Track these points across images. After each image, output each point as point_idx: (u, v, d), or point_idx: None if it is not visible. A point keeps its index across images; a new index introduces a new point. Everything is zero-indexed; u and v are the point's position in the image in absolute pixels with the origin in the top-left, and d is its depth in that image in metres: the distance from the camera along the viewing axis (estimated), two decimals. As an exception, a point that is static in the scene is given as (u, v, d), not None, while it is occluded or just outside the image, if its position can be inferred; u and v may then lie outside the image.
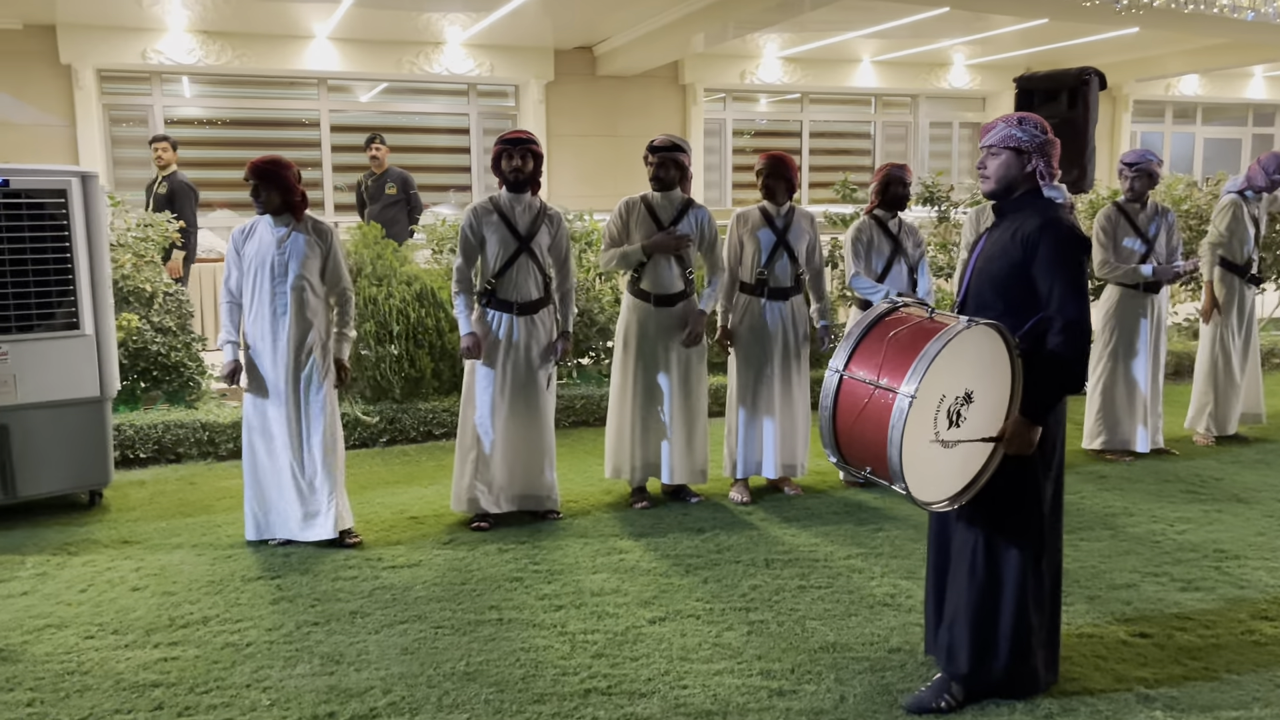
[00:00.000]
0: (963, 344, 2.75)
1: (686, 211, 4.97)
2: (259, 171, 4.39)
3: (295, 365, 4.45)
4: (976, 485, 2.93)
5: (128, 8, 9.48)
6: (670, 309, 4.93)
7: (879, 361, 2.78)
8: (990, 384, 2.88)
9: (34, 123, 10.16)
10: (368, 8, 9.49)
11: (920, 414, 2.70)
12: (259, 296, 4.42)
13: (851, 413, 2.81)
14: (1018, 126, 3.00)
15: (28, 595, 3.97)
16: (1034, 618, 3.02)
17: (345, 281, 4.60)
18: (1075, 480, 5.56)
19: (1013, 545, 2.99)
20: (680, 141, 4.92)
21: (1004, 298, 2.98)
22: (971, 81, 13.96)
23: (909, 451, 2.69)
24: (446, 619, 3.71)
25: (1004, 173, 3.03)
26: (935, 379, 2.70)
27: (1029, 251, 2.92)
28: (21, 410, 4.85)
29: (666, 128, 12.56)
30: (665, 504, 5.11)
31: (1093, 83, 7.12)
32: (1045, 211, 2.97)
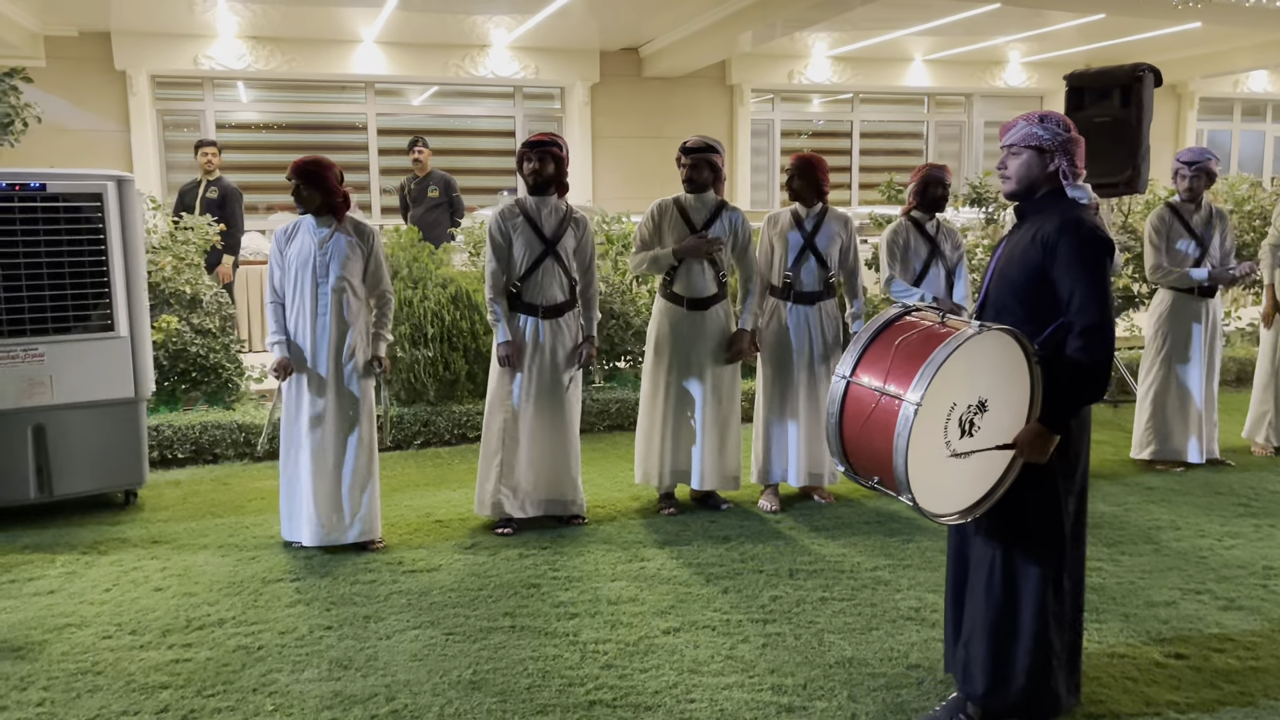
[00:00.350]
0: (974, 350, 2.64)
1: (719, 214, 4.88)
2: (301, 172, 4.40)
3: (335, 366, 4.45)
4: (993, 498, 2.81)
5: (180, 14, 9.66)
6: (703, 312, 4.85)
7: (886, 367, 2.67)
8: (1007, 392, 2.76)
9: (89, 128, 10.40)
10: (412, 11, 9.56)
11: (928, 422, 2.59)
12: (300, 297, 4.43)
13: (858, 420, 2.71)
14: (1039, 124, 2.88)
15: (54, 594, 4.02)
16: (1055, 636, 2.89)
17: (386, 284, 4.59)
18: (1120, 491, 5.37)
19: (1032, 561, 2.87)
20: (713, 142, 4.84)
21: (1023, 302, 2.86)
22: (1028, 80, 13.65)
23: (916, 461, 2.58)
24: (459, 625, 3.67)
25: (1025, 172, 2.91)
26: (944, 386, 2.59)
27: (1048, 253, 2.80)
28: (58, 410, 4.93)
29: (713, 129, 12.47)
30: (693, 511, 5.03)
31: (1147, 80, 6.88)
32: (1066, 212, 2.84)
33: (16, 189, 4.76)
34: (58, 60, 10.17)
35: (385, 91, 11.72)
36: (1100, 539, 4.60)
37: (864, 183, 13.59)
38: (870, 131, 13.82)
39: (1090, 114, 7.14)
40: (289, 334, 4.48)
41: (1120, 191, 7.01)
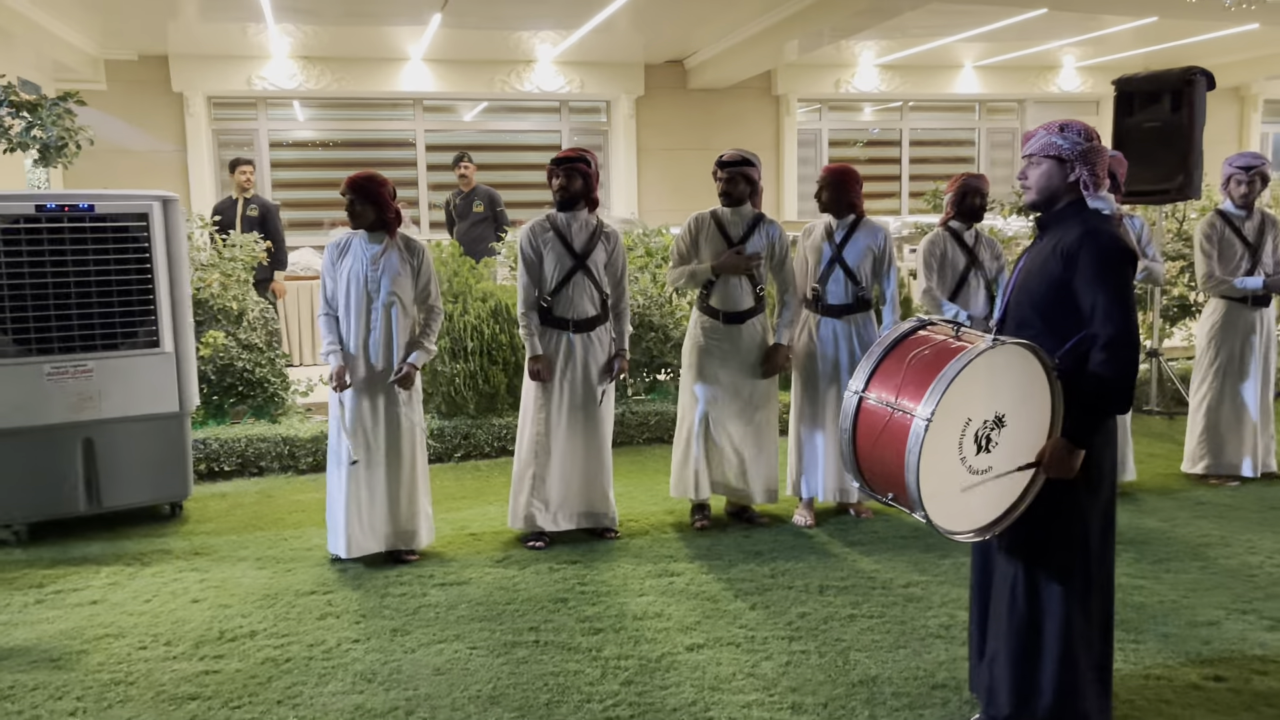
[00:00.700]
0: (989, 364, 2.58)
1: (757, 226, 4.85)
2: (355, 187, 4.45)
3: (385, 382, 4.50)
4: (1013, 514, 2.75)
5: (234, 37, 9.91)
6: (739, 325, 4.83)
7: (898, 382, 2.63)
8: (1027, 407, 2.70)
9: (148, 149, 10.70)
10: (457, 29, 9.68)
11: (940, 438, 2.54)
12: (351, 313, 4.48)
13: (871, 436, 2.67)
14: (1059, 134, 2.82)
15: (96, 604, 4.12)
16: (1081, 656, 2.81)
17: (435, 299, 4.63)
18: (1170, 506, 5.22)
19: (1055, 579, 2.80)
20: (749, 155, 4.82)
21: (1043, 315, 2.80)
22: (1083, 85, 13.39)
23: (929, 477, 2.53)
24: (484, 639, 3.69)
25: (1046, 182, 2.85)
26: (957, 401, 2.54)
27: (1069, 265, 2.73)
28: (106, 424, 5.06)
29: (759, 139, 12.44)
30: (727, 525, 5.00)
31: (1198, 83, 6.72)
32: (1087, 223, 2.77)
33: (66, 210, 4.91)
34: (118, 83, 10.49)
35: (433, 108, 11.88)
36: (1146, 555, 4.47)
37: (914, 191, 13.43)
38: (920, 140, 13.66)
39: (1140, 119, 6.99)
40: (343, 343, 4.53)
41: (1172, 198, 6.86)
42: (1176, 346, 8.70)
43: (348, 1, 8.70)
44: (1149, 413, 7.37)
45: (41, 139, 5.95)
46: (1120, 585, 4.08)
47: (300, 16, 9.19)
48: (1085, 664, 2.83)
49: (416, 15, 9.14)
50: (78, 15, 8.91)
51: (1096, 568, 2.84)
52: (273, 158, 11.44)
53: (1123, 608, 3.86)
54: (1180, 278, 8.07)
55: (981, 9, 9.49)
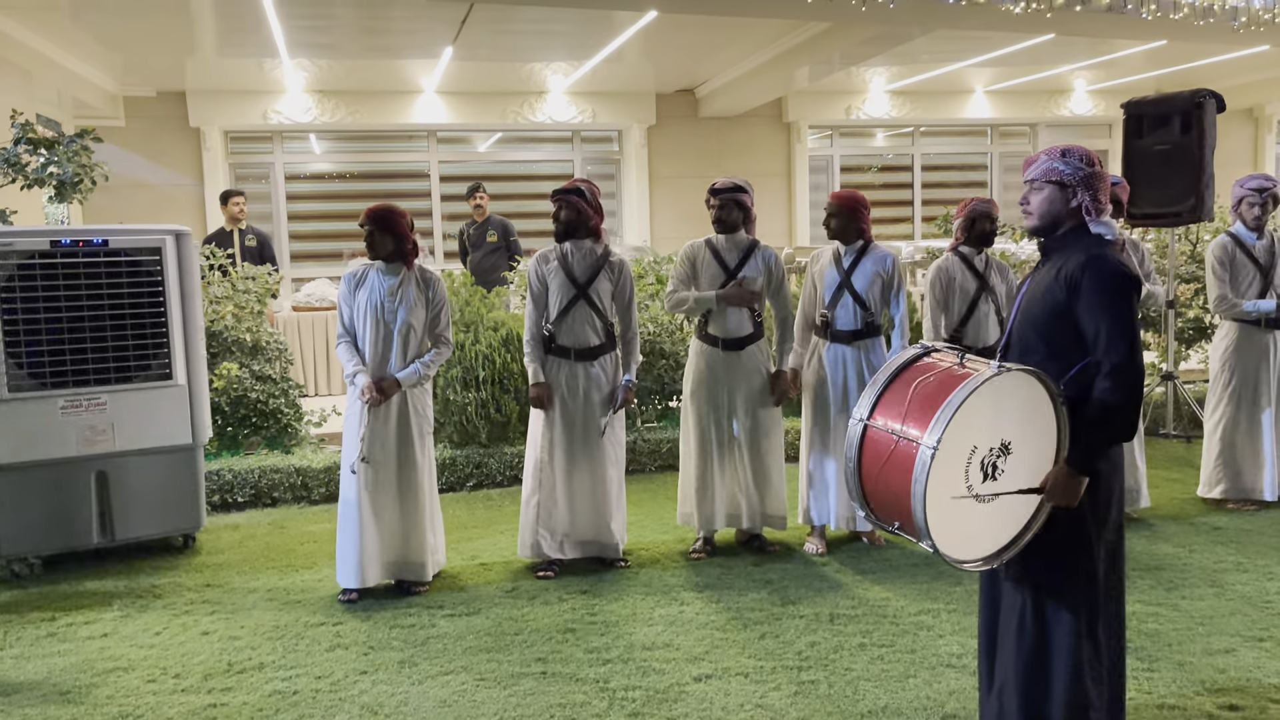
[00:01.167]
0: (993, 391, 2.57)
1: (752, 253, 4.87)
2: (375, 218, 4.48)
3: (400, 414, 4.51)
4: (1020, 542, 2.72)
5: (250, 72, 10.04)
6: (738, 353, 4.83)
7: (903, 410, 2.62)
8: (1032, 434, 2.69)
9: (166, 183, 10.84)
10: (469, 61, 9.78)
11: (946, 466, 2.53)
12: (366, 343, 4.50)
13: (876, 464, 2.66)
14: (1060, 159, 2.82)
15: (107, 637, 4.14)
16: (1091, 687, 2.78)
17: (445, 329, 4.65)
18: (1186, 531, 5.17)
19: (1063, 607, 2.77)
20: (742, 183, 4.85)
21: (1046, 341, 2.79)
22: (1094, 108, 13.38)
23: (936, 506, 2.52)
24: (491, 671, 3.68)
25: (1047, 208, 2.85)
26: (963, 429, 2.53)
27: (1072, 291, 2.73)
28: (119, 457, 5.10)
29: (770, 167, 12.48)
30: (737, 554, 4.98)
31: (1208, 105, 6.71)
32: (1089, 249, 2.77)
33: (81, 245, 4.97)
34: (136, 119, 10.65)
35: (447, 139, 11.99)
36: (1161, 582, 4.42)
37: (927, 216, 13.41)
38: (932, 165, 13.67)
39: (1150, 142, 6.99)
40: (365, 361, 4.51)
41: (1184, 220, 6.84)
42: (1193, 369, 8.63)
43: (361, 35, 8.81)
44: (1166, 436, 7.31)
45: (58, 175, 6.03)
46: (1135, 613, 4.03)
47: (315, 51, 9.32)
48: (1095, 694, 2.79)
49: (429, 48, 9.24)
50: (97, 53, 9.06)
51: (1105, 597, 2.81)
52: (289, 190, 11.55)
53: (1137, 635, 3.81)
54: (1195, 300, 8.02)
55: (990, 35, 9.51)
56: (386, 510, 4.50)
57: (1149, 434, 7.33)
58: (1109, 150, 13.97)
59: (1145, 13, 7.58)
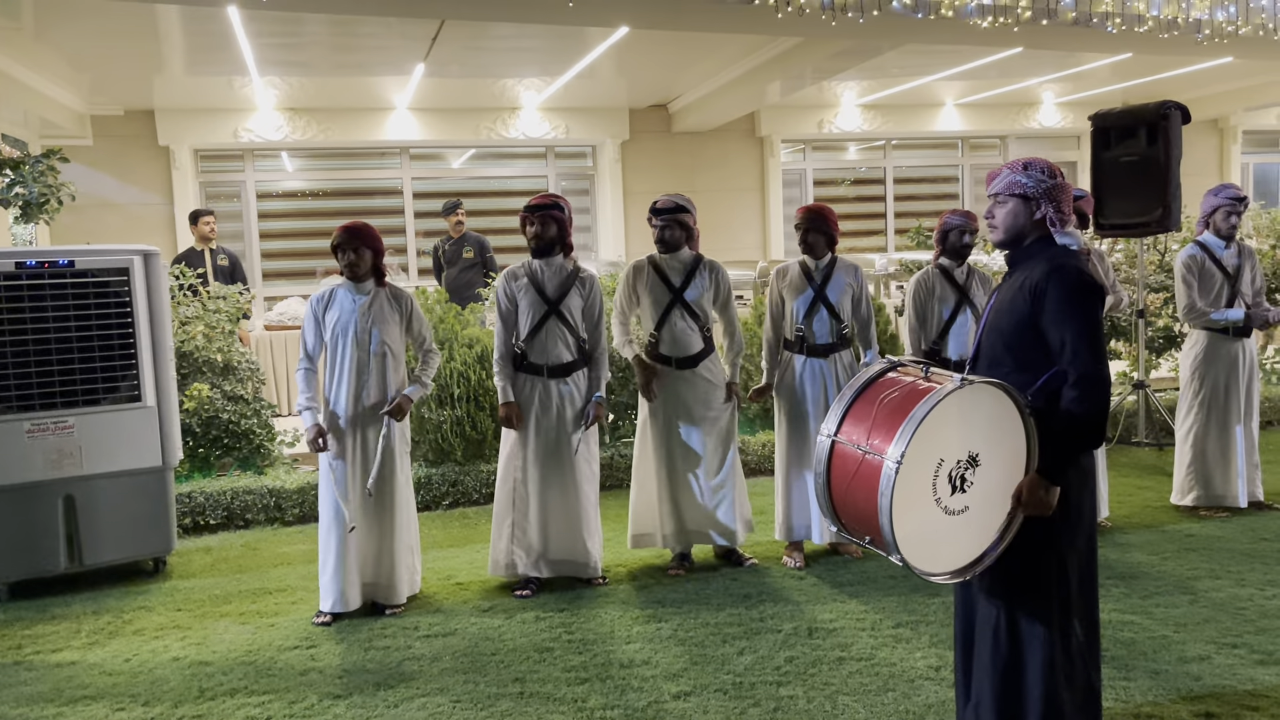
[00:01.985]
0: (959, 404, 2.58)
1: (697, 269, 4.87)
2: (353, 233, 4.43)
3: (376, 433, 4.47)
4: (993, 554, 2.73)
5: (220, 90, 9.98)
6: (693, 369, 4.83)
7: (869, 425, 2.63)
8: (1001, 446, 2.70)
9: (134, 202, 10.74)
10: (441, 77, 9.76)
11: (913, 480, 2.53)
12: (341, 364, 4.45)
13: (844, 479, 2.66)
14: (1022, 172, 2.86)
15: (75, 664, 4.06)
16: (1066, 698, 2.78)
17: (430, 342, 4.65)
18: (1159, 539, 5.20)
19: (1037, 619, 2.77)
20: (684, 202, 4.86)
21: (1013, 352, 2.81)
22: (1063, 120, 13.52)
23: (903, 520, 2.52)
24: (467, 692, 3.64)
25: (1012, 221, 2.88)
26: (928, 442, 2.53)
27: (1037, 302, 2.75)
28: (87, 480, 5.02)
29: (744, 181, 12.53)
30: (716, 569, 4.96)
31: (1174, 117, 6.80)
32: (1053, 260, 2.79)
33: (46, 267, 4.91)
34: (104, 139, 10.54)
35: (420, 156, 11.96)
36: (1135, 590, 4.45)
37: (900, 229, 13.50)
38: (904, 178, 13.77)
39: (1117, 154, 7.06)
40: (325, 402, 4.47)
41: (1152, 231, 6.91)
42: (1163, 378, 8.71)
43: (332, 53, 8.77)
44: (1137, 445, 7.37)
45: (24, 196, 5.97)
46: (1109, 621, 4.05)
47: (285, 69, 9.27)
48: (1070, 705, 2.79)
49: (400, 65, 9.22)
50: (64, 72, 8.98)
51: (1080, 607, 2.82)
52: (260, 209, 11.47)
53: (1112, 644, 3.82)
54: (1164, 309, 8.10)
55: (960, 49, 9.60)
56: (365, 531, 4.45)
57: (1121, 442, 7.39)
58: (1077, 162, 14.13)
59: (1111, 26, 7.67)
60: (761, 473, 6.86)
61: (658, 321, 4.83)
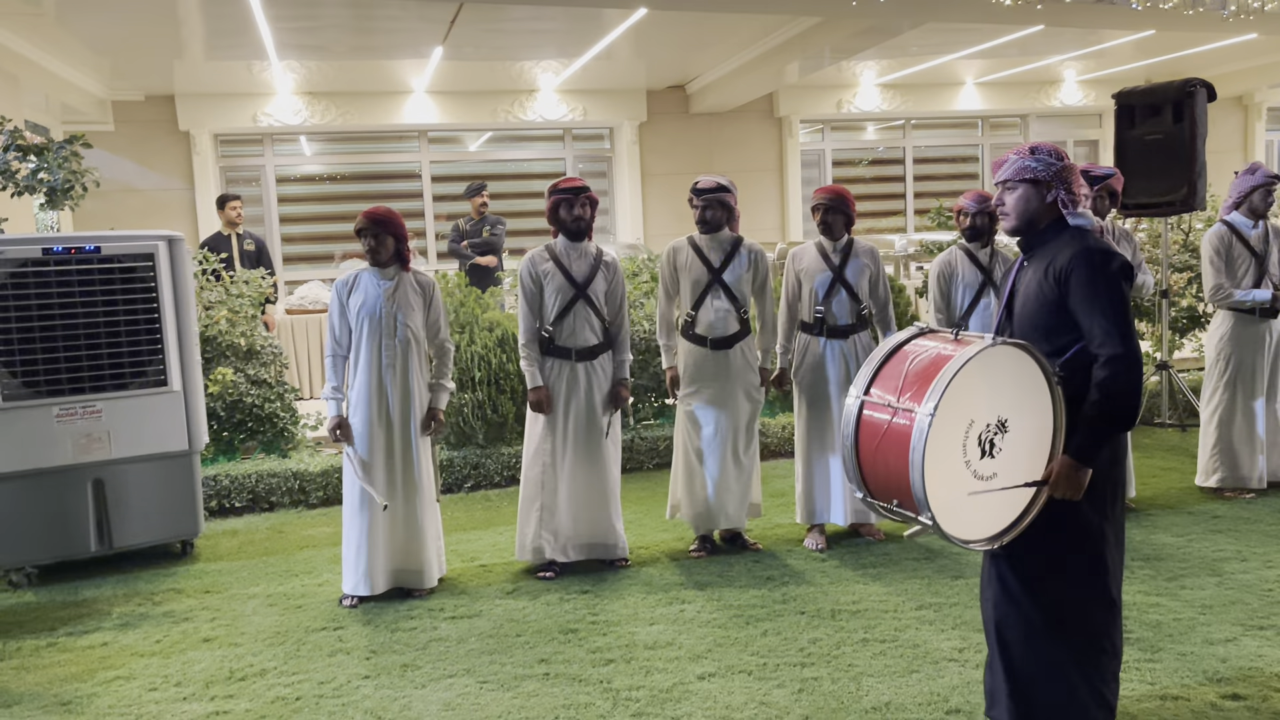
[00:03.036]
0: (989, 365, 2.60)
1: (737, 250, 4.86)
2: (377, 219, 4.43)
3: (402, 417, 4.49)
4: (1019, 526, 2.72)
5: (239, 75, 10.00)
6: (727, 351, 4.82)
7: (898, 384, 2.64)
8: (1028, 414, 2.69)
9: (155, 187, 10.79)
10: (460, 60, 9.75)
11: (944, 437, 2.53)
12: (366, 350, 4.45)
13: (873, 440, 2.67)
14: (1030, 156, 2.84)
15: (107, 645, 4.12)
16: (1093, 677, 2.77)
17: (445, 334, 4.65)
18: (1185, 521, 5.18)
19: (1063, 597, 2.76)
20: (725, 182, 4.83)
21: (1049, 339, 2.79)
22: (1085, 98, 13.39)
23: (934, 478, 2.52)
24: (494, 673, 3.67)
25: (1024, 207, 2.86)
26: (960, 399, 2.54)
27: (1063, 286, 2.74)
28: (116, 465, 5.08)
29: (762, 161, 12.48)
30: (737, 552, 4.97)
31: (1199, 95, 6.73)
32: (1075, 242, 2.78)
33: (73, 252, 4.95)
34: (125, 124, 10.59)
35: (438, 139, 11.96)
36: (1160, 572, 4.43)
37: (920, 209, 13.43)
38: (924, 157, 13.68)
39: (1141, 132, 7.00)
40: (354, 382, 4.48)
41: (1177, 210, 6.85)
42: (1187, 358, 8.65)
43: (351, 36, 8.77)
44: (1161, 426, 7.33)
45: (48, 182, 6.00)
46: (1135, 603, 4.04)
47: (304, 53, 9.28)
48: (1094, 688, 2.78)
49: (418, 48, 9.21)
50: (85, 58, 9.02)
51: (1103, 586, 2.80)
52: (280, 193, 11.51)
53: (1138, 626, 3.82)
54: (1188, 289, 8.04)
55: (980, 27, 9.52)
56: (393, 517, 4.48)
57: (1144, 423, 7.35)
58: (1099, 140, 14.01)
59: (1135, 3, 7.58)
60: (781, 455, 6.87)
61: (695, 301, 4.82)
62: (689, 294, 4.85)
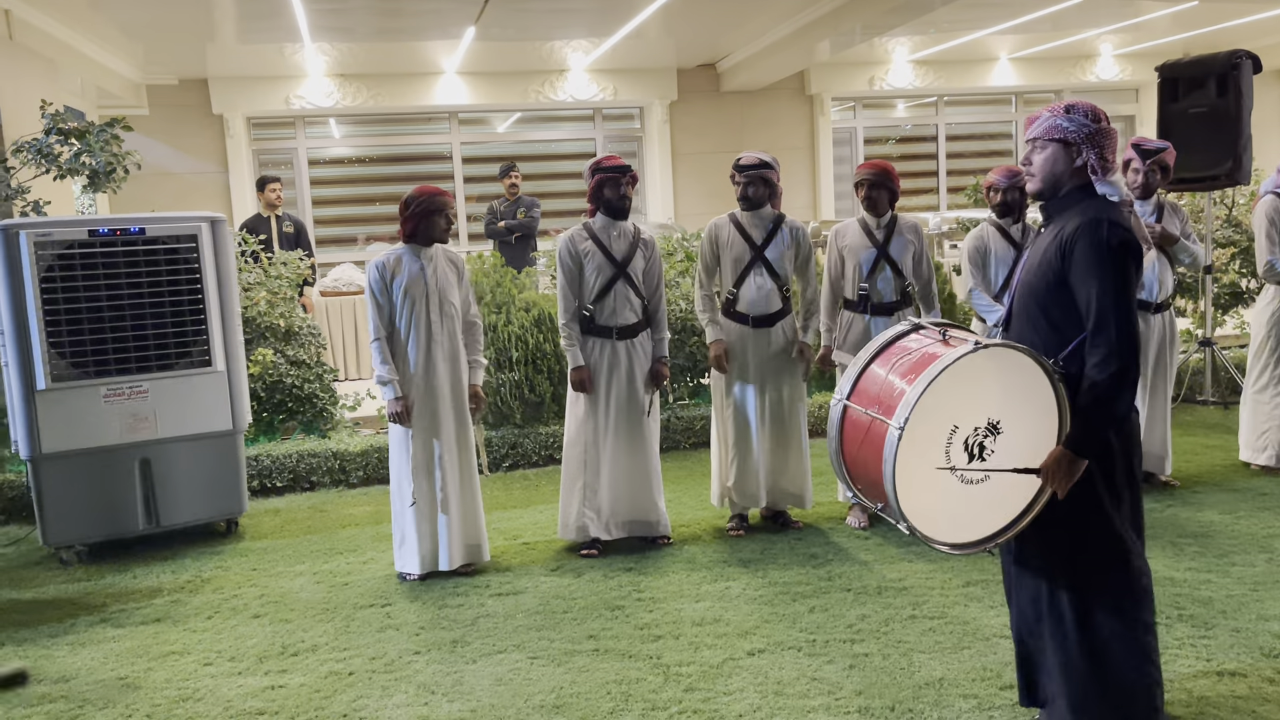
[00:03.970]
0: (973, 369, 2.50)
1: (779, 228, 4.83)
2: (438, 199, 4.44)
3: (451, 392, 4.50)
4: (1018, 525, 2.65)
5: (272, 58, 10.03)
6: (769, 329, 4.81)
7: (878, 391, 2.60)
8: (1026, 412, 2.59)
9: (190, 170, 10.87)
10: (491, 41, 9.74)
11: (921, 446, 2.48)
12: (415, 328, 4.42)
13: (855, 444, 2.64)
14: (1064, 115, 2.67)
15: (160, 622, 4.18)
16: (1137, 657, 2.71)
17: (475, 310, 4.67)
18: (1231, 498, 5.12)
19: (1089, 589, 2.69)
20: (768, 159, 4.79)
21: (1047, 313, 2.66)
22: (1121, 72, 13.20)
23: (912, 487, 2.48)
24: (543, 648, 3.69)
25: (1050, 168, 2.69)
26: (937, 408, 2.47)
27: (1067, 258, 2.59)
28: (162, 444, 5.13)
29: (793, 140, 12.39)
30: (777, 530, 4.97)
31: (1245, 67, 6.61)
32: (1088, 211, 2.61)
33: (118, 234, 4.99)
34: (159, 108, 10.66)
35: (468, 120, 11.96)
36: (1209, 548, 4.39)
37: (952, 186, 13.31)
38: (957, 134, 13.54)
39: (1185, 105, 6.89)
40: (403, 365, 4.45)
41: (1221, 184, 6.75)
42: (1228, 335, 8.53)
43: (384, 18, 8.77)
44: (1204, 403, 7.24)
45: (90, 165, 6.05)
46: (1186, 580, 4.01)
47: (336, 35, 9.29)
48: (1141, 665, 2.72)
49: (451, 29, 9.20)
50: (121, 42, 9.07)
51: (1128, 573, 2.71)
52: (311, 175, 11.56)
53: (1190, 603, 3.79)
54: (1231, 265, 7.92)
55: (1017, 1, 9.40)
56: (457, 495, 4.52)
57: (1186, 400, 7.26)
58: (1135, 115, 13.81)
59: (1179, -27, 7.43)
60: (818, 434, 6.84)
61: (737, 279, 4.80)
62: (730, 271, 4.82)
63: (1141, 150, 5.11)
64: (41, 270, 4.82)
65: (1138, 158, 5.12)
